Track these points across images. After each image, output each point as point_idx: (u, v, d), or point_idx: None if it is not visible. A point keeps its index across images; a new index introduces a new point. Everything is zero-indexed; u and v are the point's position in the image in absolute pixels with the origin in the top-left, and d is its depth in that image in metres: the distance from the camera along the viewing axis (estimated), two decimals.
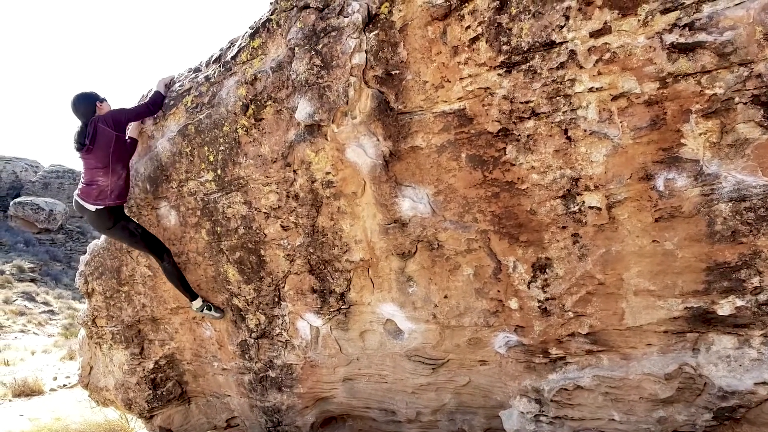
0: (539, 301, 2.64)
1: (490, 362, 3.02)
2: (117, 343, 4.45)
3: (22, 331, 14.33)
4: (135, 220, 3.77)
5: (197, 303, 3.78)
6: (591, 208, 2.37)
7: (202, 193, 3.49)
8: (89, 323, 4.57)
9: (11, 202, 25.22)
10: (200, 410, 4.62)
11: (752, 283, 2.16)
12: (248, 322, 3.73)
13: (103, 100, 3.53)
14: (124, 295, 4.26)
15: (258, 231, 3.35)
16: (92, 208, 3.47)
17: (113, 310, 4.35)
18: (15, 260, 20.38)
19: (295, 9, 2.88)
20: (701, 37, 1.96)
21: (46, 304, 17.35)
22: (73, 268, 21.52)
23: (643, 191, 2.25)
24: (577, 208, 2.40)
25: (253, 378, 3.89)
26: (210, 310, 3.79)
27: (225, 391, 4.29)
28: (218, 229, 3.52)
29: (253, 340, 3.77)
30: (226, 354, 4.00)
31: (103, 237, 4.30)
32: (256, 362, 3.82)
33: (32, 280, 19.43)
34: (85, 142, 3.36)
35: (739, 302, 2.21)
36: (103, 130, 3.36)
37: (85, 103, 3.46)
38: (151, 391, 4.42)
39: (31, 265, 20.51)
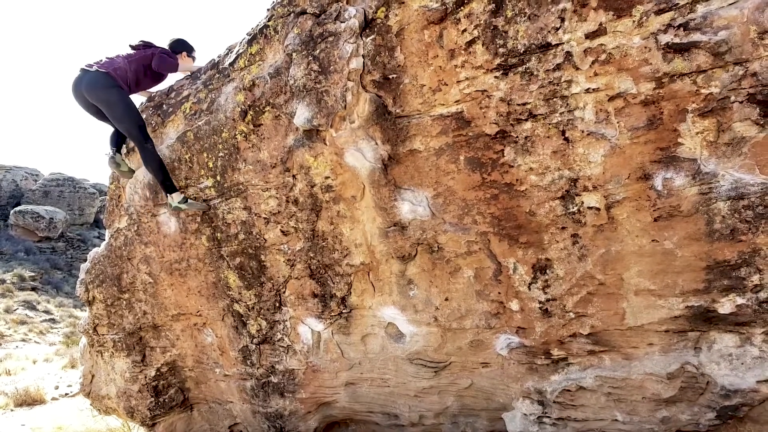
0: (540, 302, 2.64)
1: (492, 364, 3.02)
2: (118, 350, 4.44)
3: (23, 340, 14.31)
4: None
5: (177, 196, 3.48)
6: (590, 208, 2.37)
7: (202, 199, 3.50)
8: (90, 331, 4.57)
9: (11, 211, 25.22)
10: (203, 417, 4.61)
11: (752, 281, 2.16)
12: (249, 328, 3.72)
13: (180, 53, 3.86)
14: (125, 302, 4.26)
15: (258, 236, 3.36)
16: (93, 68, 3.58)
17: (114, 317, 4.35)
18: (16, 269, 20.36)
19: (292, 15, 2.90)
20: (696, 37, 1.97)
21: (47, 312, 17.33)
22: (74, 276, 21.52)
23: (641, 191, 2.25)
24: (576, 208, 2.40)
25: (255, 384, 3.89)
26: (186, 203, 3.49)
27: (227, 398, 4.29)
28: (218, 235, 3.52)
29: (254, 346, 3.76)
30: (228, 360, 4.00)
31: (103, 245, 4.30)
32: (257, 368, 3.82)
33: (33, 289, 19.41)
34: (143, 45, 3.86)
35: (740, 300, 2.21)
36: (150, 56, 3.74)
37: (174, 46, 3.92)
38: (153, 399, 4.41)
39: (32, 274, 20.50)
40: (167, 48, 3.89)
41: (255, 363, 3.81)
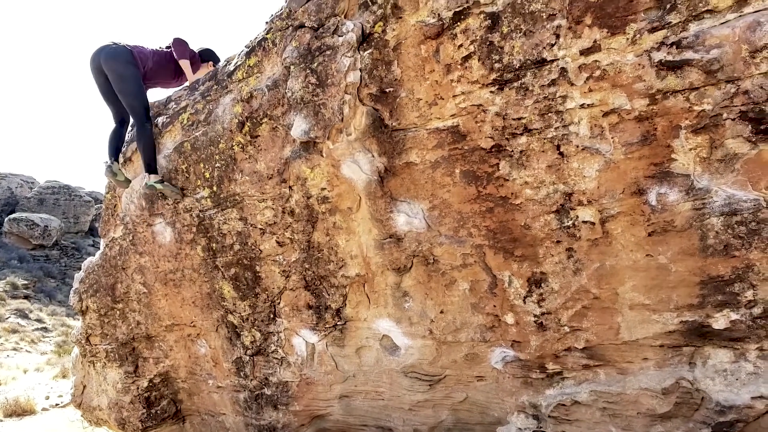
0: (535, 315, 2.64)
1: (487, 378, 3.01)
2: (111, 361, 4.40)
3: (14, 349, 14.14)
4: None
5: (155, 177, 3.54)
6: (585, 222, 2.38)
7: (198, 210, 3.49)
8: (83, 341, 4.53)
9: (6, 219, 25.07)
10: (195, 429, 4.55)
11: (746, 297, 2.17)
12: (243, 339, 3.70)
13: (207, 62, 4.06)
14: (118, 312, 4.23)
15: (253, 247, 3.35)
16: (123, 43, 3.74)
17: (107, 327, 4.31)
18: (8, 277, 20.19)
19: (290, 28, 2.92)
20: (688, 55, 2.00)
21: (39, 321, 17.15)
22: (68, 284, 21.36)
23: (635, 206, 2.27)
24: (570, 222, 2.41)
25: (249, 396, 3.85)
26: (162, 183, 3.50)
27: (220, 410, 4.24)
28: (214, 245, 3.51)
29: (248, 358, 3.74)
30: (221, 371, 3.96)
31: (98, 254, 4.28)
32: (251, 380, 3.79)
33: (26, 297, 19.22)
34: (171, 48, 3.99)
35: (734, 316, 2.21)
36: (170, 57, 3.93)
37: (203, 53, 4.13)
38: (145, 410, 4.36)
39: (25, 282, 20.32)
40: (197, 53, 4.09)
41: (248, 375, 3.78)
